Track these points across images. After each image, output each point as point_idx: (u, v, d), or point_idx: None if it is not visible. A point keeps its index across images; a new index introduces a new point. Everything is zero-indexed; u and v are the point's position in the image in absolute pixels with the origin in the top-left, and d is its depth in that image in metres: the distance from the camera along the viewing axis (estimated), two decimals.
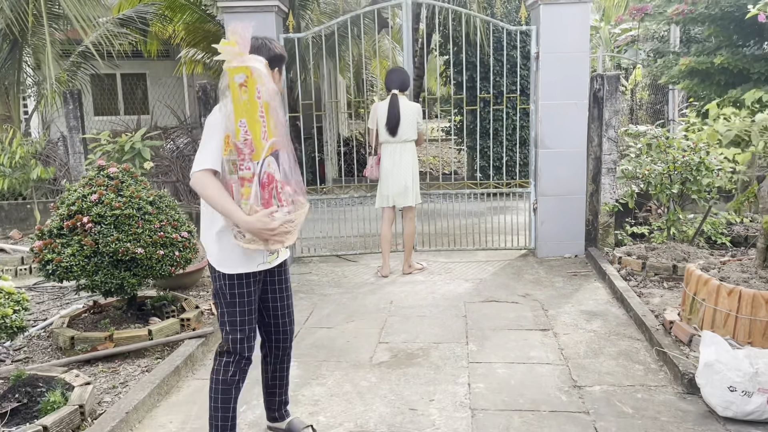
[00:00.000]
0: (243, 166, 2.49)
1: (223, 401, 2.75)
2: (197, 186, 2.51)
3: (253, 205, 2.50)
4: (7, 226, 7.72)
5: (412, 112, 5.54)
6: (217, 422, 2.76)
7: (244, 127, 2.46)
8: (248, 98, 2.44)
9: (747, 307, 3.49)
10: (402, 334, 4.36)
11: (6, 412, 3.09)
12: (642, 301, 4.67)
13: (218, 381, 2.75)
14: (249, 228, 2.50)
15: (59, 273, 3.95)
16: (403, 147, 5.57)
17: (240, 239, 2.56)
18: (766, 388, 2.96)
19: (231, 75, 2.44)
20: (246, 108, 2.45)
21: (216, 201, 2.50)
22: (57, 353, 4.10)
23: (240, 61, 2.43)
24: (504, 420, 3.17)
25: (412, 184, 5.63)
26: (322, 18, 10.99)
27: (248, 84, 2.43)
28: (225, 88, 2.50)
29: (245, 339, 2.75)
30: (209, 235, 2.71)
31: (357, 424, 3.18)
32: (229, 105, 2.48)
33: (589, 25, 5.96)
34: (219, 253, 2.68)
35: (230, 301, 2.71)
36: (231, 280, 2.69)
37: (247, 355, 2.78)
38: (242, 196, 2.51)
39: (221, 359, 2.77)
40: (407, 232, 5.83)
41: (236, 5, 5.80)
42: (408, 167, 5.60)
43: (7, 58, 8.32)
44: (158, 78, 12.84)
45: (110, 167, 4.23)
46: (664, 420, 3.12)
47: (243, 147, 2.47)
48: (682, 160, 5.13)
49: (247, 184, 2.50)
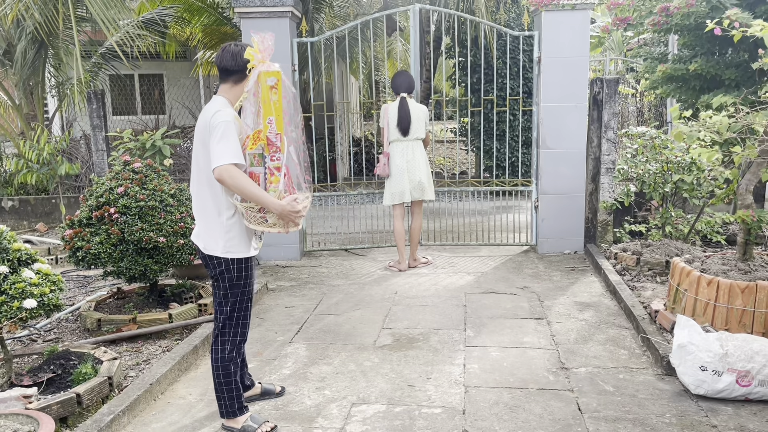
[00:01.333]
0: (275, 158, 2.87)
1: (225, 375, 3.10)
2: (225, 176, 2.78)
3: (280, 192, 2.89)
4: (33, 220, 8.11)
5: (422, 112, 5.87)
6: (224, 394, 3.11)
7: (272, 124, 2.84)
8: (277, 99, 2.84)
9: (724, 296, 3.75)
10: (404, 321, 4.66)
11: (42, 381, 3.42)
12: (633, 294, 4.93)
13: (218, 359, 3.09)
14: (281, 210, 2.86)
15: (88, 259, 4.29)
16: (415, 144, 5.87)
17: (261, 224, 2.89)
18: (734, 368, 3.22)
19: (264, 77, 2.81)
20: (275, 107, 2.84)
21: (248, 189, 2.81)
22: (84, 334, 4.43)
23: (269, 66, 2.81)
24: (494, 396, 3.45)
25: (428, 179, 5.93)
26: (336, 21, 11.30)
27: (278, 87, 2.83)
28: (253, 87, 2.84)
29: (243, 317, 3.10)
30: (215, 226, 2.97)
31: (359, 398, 3.47)
32: (256, 104, 2.83)
33: (588, 31, 6.21)
34: (226, 242, 2.97)
35: (236, 283, 3.03)
36: (239, 264, 3.01)
37: (242, 332, 3.13)
38: (271, 183, 2.89)
39: (219, 339, 3.10)
40: (415, 226, 6.12)
41: (252, 11, 6.12)
42: (422, 163, 5.90)
43: (33, 59, 8.71)
44: (175, 79, 13.21)
45: (135, 162, 4.57)
46: (641, 397, 3.39)
47: (275, 140, 2.85)
48: (675, 161, 5.39)
49: (277, 174, 2.89)
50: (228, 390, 3.12)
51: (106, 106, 7.48)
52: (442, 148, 13.86)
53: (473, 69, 9.60)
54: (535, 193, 6.62)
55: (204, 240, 3.02)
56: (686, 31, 5.56)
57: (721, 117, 3.17)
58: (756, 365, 3.20)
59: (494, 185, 7.03)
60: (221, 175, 2.79)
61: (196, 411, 3.39)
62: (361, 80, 11.71)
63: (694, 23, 5.36)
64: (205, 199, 2.98)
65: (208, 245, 3.00)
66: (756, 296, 3.65)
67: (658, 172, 5.54)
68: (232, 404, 3.13)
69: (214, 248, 2.99)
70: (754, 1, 5.40)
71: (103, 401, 3.36)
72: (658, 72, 6.02)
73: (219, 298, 3.08)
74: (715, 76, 5.64)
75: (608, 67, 14.56)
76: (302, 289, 5.48)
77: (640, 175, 5.64)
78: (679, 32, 5.75)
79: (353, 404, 3.40)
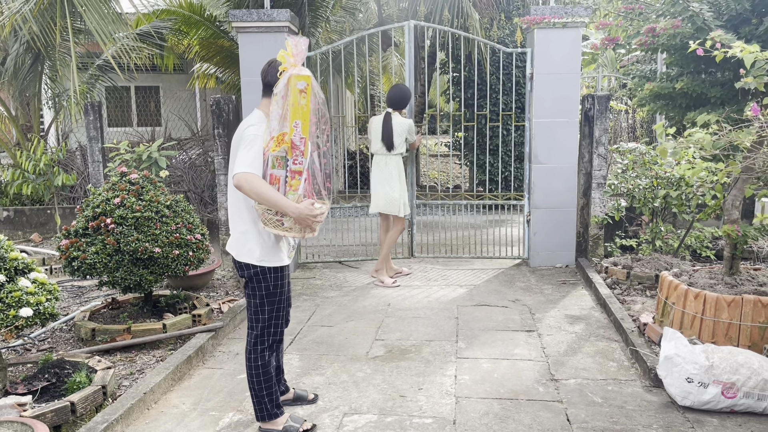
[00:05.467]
0: (297, 161, 2.89)
1: (266, 381, 3.16)
2: (242, 182, 2.83)
3: (300, 196, 2.92)
4: (28, 230, 8.13)
5: (402, 129, 5.93)
6: (264, 398, 3.17)
7: (298, 128, 2.86)
8: (305, 103, 2.86)
9: (711, 309, 3.81)
10: (397, 333, 4.70)
11: (37, 390, 3.44)
12: (623, 307, 4.99)
13: (258, 367, 3.15)
14: (299, 213, 2.87)
15: (84, 269, 4.32)
16: (390, 158, 5.96)
17: (277, 227, 2.91)
18: (720, 380, 3.28)
19: (294, 81, 2.82)
20: (302, 111, 2.86)
21: (267, 193, 2.84)
22: (79, 344, 4.46)
23: (300, 70, 2.84)
24: (484, 406, 3.50)
25: (399, 194, 5.96)
26: (332, 36, 11.42)
27: (307, 91, 2.85)
28: (282, 90, 2.84)
29: (280, 324, 3.17)
30: (252, 235, 3.03)
31: (351, 408, 3.51)
32: (283, 106, 2.84)
33: (580, 48, 6.32)
34: (261, 250, 3.03)
35: (272, 291, 3.09)
36: (275, 272, 3.07)
37: (280, 338, 3.22)
38: (291, 187, 2.91)
39: (258, 347, 3.14)
40: (385, 238, 6.15)
41: (249, 25, 6.21)
42: (393, 177, 5.95)
43: (29, 71, 8.77)
44: (172, 91, 13.28)
45: (132, 173, 4.62)
46: (629, 408, 3.44)
47: (299, 144, 2.87)
48: (664, 176, 5.48)
49: (298, 177, 2.91)
50: (269, 393, 3.18)
51: (102, 117, 7.53)
52: (437, 162, 13.96)
53: (467, 84, 9.73)
54: (528, 207, 6.69)
55: (238, 249, 3.08)
56: (673, 50, 5.68)
57: (704, 134, 3.26)
58: (741, 377, 3.26)
59: (487, 199, 7.11)
60: (239, 182, 2.85)
61: (189, 420, 3.42)
62: (356, 94, 11.82)
63: (680, 43, 5.48)
64: (240, 209, 3.05)
65: (242, 254, 3.06)
66: (741, 310, 3.72)
67: (647, 187, 5.63)
68: (272, 407, 3.20)
69: (250, 257, 3.05)
70: (738, 23, 5.52)
71: (97, 410, 3.38)
72: (645, 90, 6.14)
73: (255, 306, 3.13)
74: (701, 94, 5.76)
75: (601, 84, 14.73)
76: (296, 301, 5.52)
77: (630, 190, 5.72)
78: (666, 51, 5.88)
79: (345, 414, 3.44)
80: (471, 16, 8.98)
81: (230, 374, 4.02)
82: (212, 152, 7.54)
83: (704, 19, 5.27)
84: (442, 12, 8.87)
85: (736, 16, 5.49)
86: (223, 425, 3.36)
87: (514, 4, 10.17)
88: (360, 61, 11.25)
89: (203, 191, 8.73)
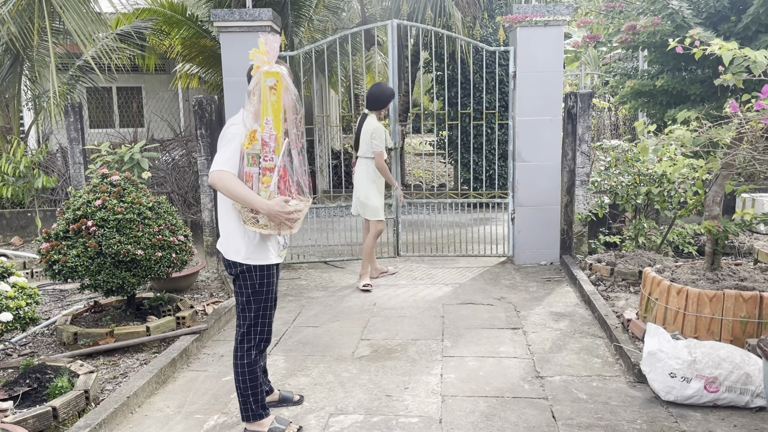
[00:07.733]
0: (267, 158, 2.89)
1: (251, 380, 3.15)
2: (215, 180, 2.86)
3: (272, 192, 2.90)
4: (8, 234, 8.01)
5: (367, 133, 5.79)
6: (249, 398, 3.16)
7: (269, 125, 2.86)
8: (276, 100, 2.86)
9: (693, 304, 3.85)
10: (383, 332, 4.70)
11: (18, 395, 3.39)
12: (607, 304, 5.02)
13: (244, 365, 3.14)
14: (268, 210, 2.87)
15: (65, 272, 4.27)
16: (361, 162, 5.93)
17: (254, 224, 2.92)
18: (703, 375, 3.31)
19: (264, 78, 2.84)
20: (273, 108, 2.86)
21: (237, 190, 2.85)
22: (61, 348, 4.40)
23: (271, 67, 2.85)
24: (470, 404, 3.50)
25: (368, 198, 5.87)
26: (315, 35, 11.39)
27: (277, 87, 2.85)
28: (254, 88, 2.86)
29: (267, 323, 3.16)
30: (237, 234, 3.04)
31: (337, 408, 3.50)
32: (257, 104, 2.85)
33: (562, 47, 6.35)
34: (247, 248, 3.03)
35: (258, 290, 3.08)
36: (261, 271, 3.06)
37: (267, 338, 3.20)
38: (263, 184, 2.90)
39: (244, 345, 3.14)
40: (365, 244, 6.03)
41: (231, 25, 6.17)
42: (361, 182, 5.89)
43: (8, 72, 8.66)
44: (154, 92, 13.17)
45: (113, 175, 4.57)
46: (614, 404, 3.46)
47: (269, 141, 2.87)
48: (646, 173, 5.52)
49: (269, 174, 2.90)
50: (254, 393, 3.17)
51: (83, 119, 7.45)
52: (421, 161, 13.98)
53: (451, 83, 9.75)
54: (512, 205, 6.72)
55: (226, 247, 3.10)
56: (653, 48, 5.74)
57: (684, 131, 3.29)
58: (723, 371, 3.30)
59: (472, 197, 7.13)
60: (212, 180, 2.87)
61: (174, 423, 3.39)
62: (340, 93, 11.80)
63: (660, 41, 5.53)
64: (227, 208, 3.06)
65: (230, 252, 3.08)
66: (723, 305, 3.75)
67: (630, 184, 5.68)
68: (257, 407, 3.18)
69: (236, 255, 3.05)
70: (717, 20, 5.59)
71: (80, 415, 3.34)
72: (627, 87, 6.19)
73: (242, 304, 3.13)
74: (681, 91, 5.82)
75: (584, 82, 14.83)
76: (281, 302, 5.49)
77: (613, 187, 5.77)
78: (647, 49, 5.94)
79: (331, 415, 3.43)
80: (453, 15, 9.00)
81: (215, 377, 3.99)
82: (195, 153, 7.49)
83: (684, 16, 5.32)
84: (424, 11, 8.88)
85: (715, 14, 5.55)
86: (207, 428, 3.33)
87: (497, 3, 10.20)
88: (343, 60, 11.23)
89: (187, 192, 8.67)
